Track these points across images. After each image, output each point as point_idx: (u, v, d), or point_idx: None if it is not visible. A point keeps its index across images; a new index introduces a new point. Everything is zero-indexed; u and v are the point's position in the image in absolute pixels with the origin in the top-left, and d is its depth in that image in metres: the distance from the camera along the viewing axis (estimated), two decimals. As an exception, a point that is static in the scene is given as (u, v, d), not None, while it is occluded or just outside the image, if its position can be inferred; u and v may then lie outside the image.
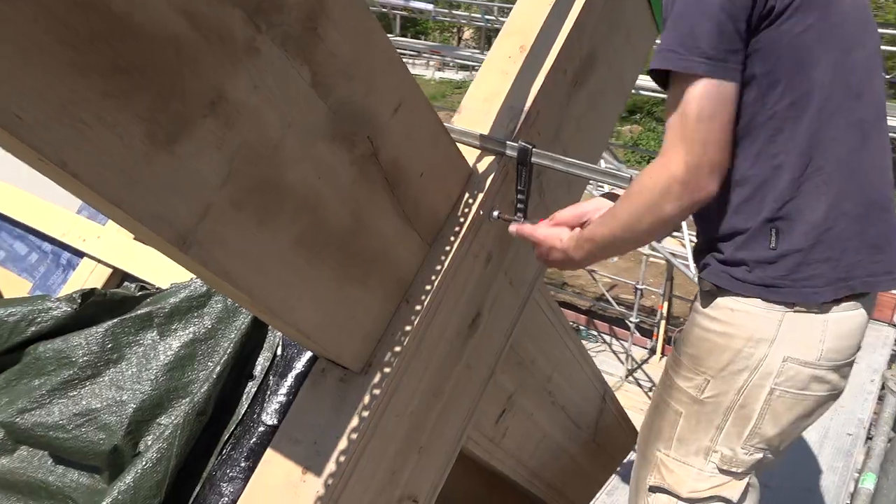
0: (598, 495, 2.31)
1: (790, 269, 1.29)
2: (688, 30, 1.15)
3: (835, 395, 1.41)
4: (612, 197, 1.49)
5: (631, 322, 11.45)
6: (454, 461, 1.73)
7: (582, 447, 2.75)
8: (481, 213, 1.52)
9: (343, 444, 1.35)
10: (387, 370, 1.40)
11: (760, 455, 1.40)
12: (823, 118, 1.23)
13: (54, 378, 1.65)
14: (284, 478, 1.35)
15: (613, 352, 12.31)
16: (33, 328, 1.70)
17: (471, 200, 1.54)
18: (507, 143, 1.52)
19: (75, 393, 1.64)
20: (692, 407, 1.43)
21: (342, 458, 1.34)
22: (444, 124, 1.50)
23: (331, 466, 1.34)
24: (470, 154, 1.58)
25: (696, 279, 1.53)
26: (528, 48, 1.62)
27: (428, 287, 1.47)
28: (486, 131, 1.58)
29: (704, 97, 1.14)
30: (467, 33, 31.98)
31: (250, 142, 1.07)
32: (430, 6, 12.45)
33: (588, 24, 1.69)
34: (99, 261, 2.02)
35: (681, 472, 1.47)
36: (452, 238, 1.51)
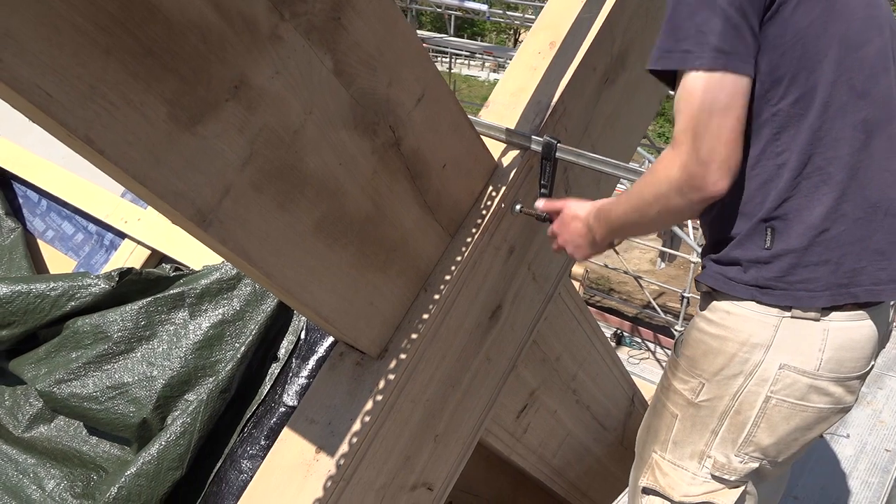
0: (619, 498, 2.29)
1: (784, 271, 1.25)
2: (697, 26, 1.13)
3: (841, 409, 1.35)
4: None
5: (676, 330, 11.26)
6: (471, 452, 1.75)
7: (608, 449, 2.74)
8: (502, 206, 1.54)
9: (357, 426, 1.39)
10: (402, 356, 1.43)
11: (756, 464, 1.36)
12: (826, 116, 1.20)
13: (90, 351, 1.72)
14: (298, 456, 1.39)
15: (657, 360, 12.12)
16: (73, 303, 1.78)
17: (494, 193, 1.55)
18: (532, 137, 1.53)
19: (109, 367, 1.71)
20: (687, 410, 1.40)
21: (355, 440, 1.37)
22: (470, 117, 1.52)
23: (344, 447, 1.37)
24: (496, 148, 1.60)
25: None
26: (558, 44, 1.63)
27: (448, 277, 1.50)
28: (512, 126, 1.59)
29: (718, 90, 1.11)
30: (524, 35, 31.85)
31: (271, 126, 1.10)
32: (484, 6, 12.47)
33: (621, 21, 1.69)
34: (139, 242, 2.10)
35: (675, 475, 1.44)
36: (474, 230, 1.52)
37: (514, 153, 1.58)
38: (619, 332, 12.88)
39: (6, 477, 1.74)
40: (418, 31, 14.59)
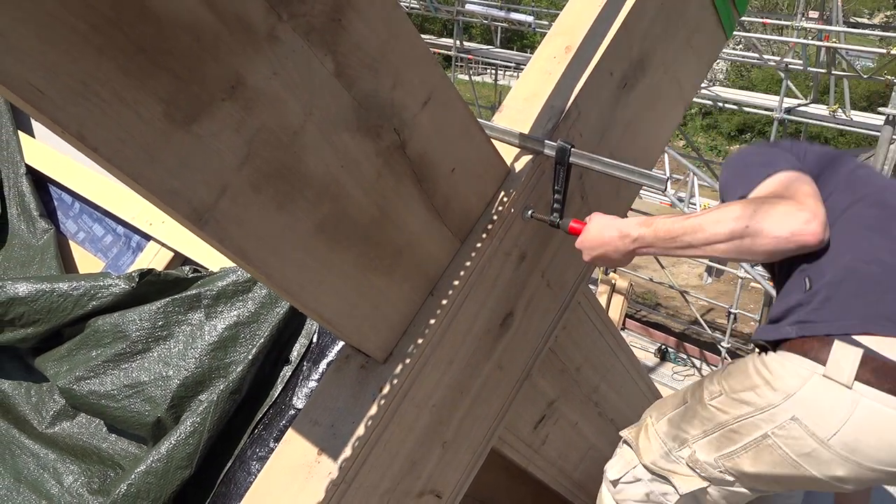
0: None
1: (821, 304, 1.33)
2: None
3: (838, 486, 1.34)
4: None
5: (722, 347, 11.00)
6: (483, 461, 1.72)
7: (635, 464, 2.67)
8: (512, 210, 1.52)
9: (360, 429, 1.38)
10: (407, 361, 1.42)
11: (731, 479, 1.44)
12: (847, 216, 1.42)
13: (109, 350, 1.76)
14: (301, 457, 1.39)
15: (702, 377, 11.85)
16: (94, 302, 1.82)
17: (505, 198, 1.53)
18: (546, 141, 1.51)
19: (127, 365, 1.74)
20: (696, 405, 1.52)
21: (357, 443, 1.37)
22: (482, 122, 1.51)
23: (346, 450, 1.37)
24: (509, 153, 1.58)
25: None
26: (574, 49, 1.60)
27: (456, 282, 1.48)
28: (526, 130, 1.57)
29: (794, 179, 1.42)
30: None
31: (269, 126, 1.11)
32: (529, 18, 12.49)
33: (639, 26, 1.66)
34: (163, 244, 2.14)
35: (653, 443, 1.58)
36: (484, 235, 1.51)
37: (526, 158, 1.56)
38: (663, 347, 12.67)
39: (28, 471, 1.79)
40: (466, 43, 14.67)
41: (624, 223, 1.47)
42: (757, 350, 1.51)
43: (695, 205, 9.81)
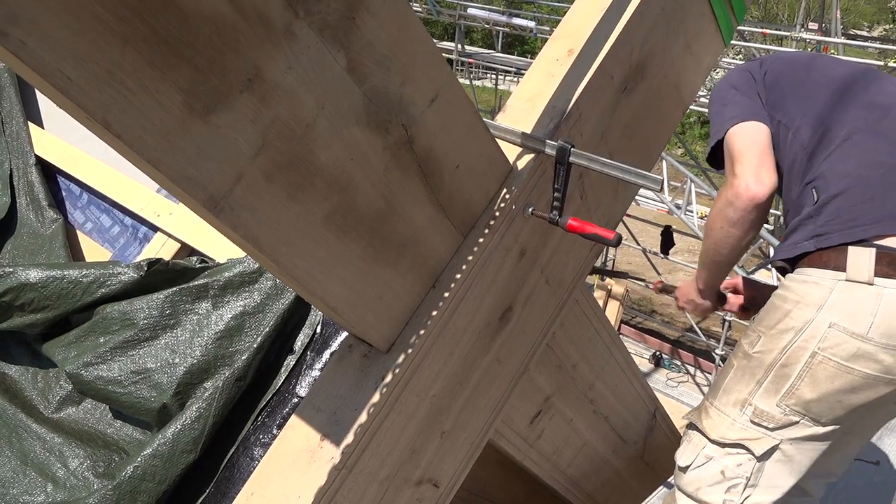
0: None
1: (833, 215, 1.43)
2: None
3: (891, 380, 1.40)
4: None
5: (717, 354, 11.05)
6: (479, 452, 1.76)
7: (628, 462, 2.71)
8: (513, 207, 1.56)
9: (361, 416, 1.42)
10: (409, 351, 1.46)
11: (797, 419, 1.46)
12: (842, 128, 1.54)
13: (117, 337, 1.79)
14: (304, 442, 1.43)
15: (696, 383, 11.91)
16: (103, 290, 1.86)
17: (507, 195, 1.58)
18: (547, 141, 1.55)
19: (134, 352, 1.78)
20: (742, 361, 1.57)
21: (359, 430, 1.40)
22: (486, 121, 1.55)
23: (348, 437, 1.41)
24: (511, 151, 1.63)
25: None
26: (576, 52, 1.65)
27: (458, 276, 1.52)
28: (528, 130, 1.62)
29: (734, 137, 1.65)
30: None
31: (284, 119, 1.15)
32: (531, 23, 12.59)
33: (639, 31, 1.71)
34: (170, 235, 2.18)
35: (717, 419, 1.59)
36: (486, 230, 1.55)
37: (528, 157, 1.61)
38: (657, 353, 12.72)
39: (34, 454, 1.83)
40: (468, 47, 14.76)
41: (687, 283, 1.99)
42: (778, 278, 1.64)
43: (692, 212, 9.88)
